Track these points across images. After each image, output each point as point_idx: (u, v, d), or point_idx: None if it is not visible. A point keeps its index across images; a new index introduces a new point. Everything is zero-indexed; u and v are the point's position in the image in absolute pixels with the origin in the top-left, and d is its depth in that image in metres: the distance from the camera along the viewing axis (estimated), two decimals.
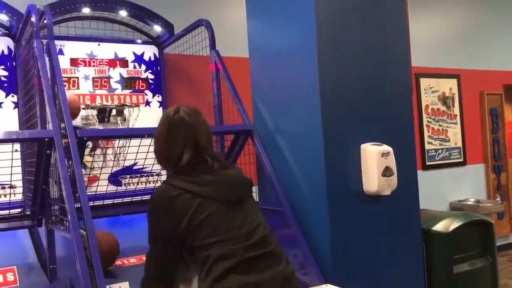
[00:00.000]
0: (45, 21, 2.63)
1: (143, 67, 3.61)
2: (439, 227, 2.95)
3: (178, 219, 1.69)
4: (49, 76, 2.50)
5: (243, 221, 1.75)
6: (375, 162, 2.57)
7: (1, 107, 3.06)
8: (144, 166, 3.19)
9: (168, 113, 1.87)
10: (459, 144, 6.02)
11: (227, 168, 1.85)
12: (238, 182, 1.84)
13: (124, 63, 3.54)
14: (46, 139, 2.22)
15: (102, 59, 3.46)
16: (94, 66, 3.42)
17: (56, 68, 2.50)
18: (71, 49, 3.36)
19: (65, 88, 2.88)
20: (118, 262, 2.70)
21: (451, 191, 5.87)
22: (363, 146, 2.63)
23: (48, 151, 2.27)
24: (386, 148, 2.62)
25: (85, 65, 3.39)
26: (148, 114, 3.52)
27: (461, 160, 6.03)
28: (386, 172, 2.59)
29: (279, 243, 1.84)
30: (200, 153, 1.80)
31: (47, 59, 2.56)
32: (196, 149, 1.80)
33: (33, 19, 2.57)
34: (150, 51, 3.66)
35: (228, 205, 1.75)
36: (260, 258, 1.71)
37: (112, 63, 3.49)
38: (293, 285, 1.78)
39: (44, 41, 2.58)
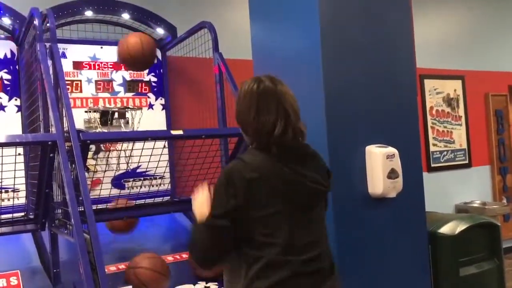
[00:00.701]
0: (48, 24, 2.63)
1: (146, 70, 3.60)
2: (445, 229, 2.92)
3: (245, 204, 1.61)
4: (52, 79, 2.50)
5: (306, 230, 1.69)
6: (380, 164, 2.54)
7: (4, 111, 3.05)
8: (148, 169, 3.18)
9: (250, 85, 1.75)
10: (464, 146, 5.99)
11: (307, 160, 1.75)
12: (316, 187, 1.73)
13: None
14: (49, 143, 2.21)
15: (105, 62, 3.45)
16: (97, 69, 3.42)
17: (59, 71, 2.50)
18: (74, 52, 3.36)
19: (68, 91, 2.89)
20: (121, 266, 2.69)
21: (456, 193, 5.83)
22: (368, 148, 2.61)
23: (51, 155, 2.26)
24: (391, 150, 2.60)
25: (88, 68, 3.39)
26: (151, 117, 3.52)
27: (466, 162, 6.00)
28: (392, 174, 2.56)
29: (332, 257, 1.81)
30: (287, 125, 1.70)
31: (50, 62, 2.56)
32: (286, 120, 1.70)
33: (36, 22, 2.57)
34: None
35: (298, 208, 1.68)
36: (312, 275, 1.67)
37: (115, 66, 3.48)
38: None
39: (47, 44, 2.58)
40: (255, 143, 1.75)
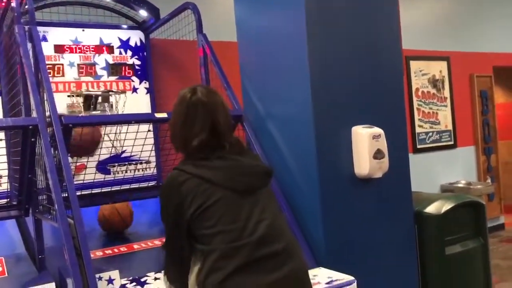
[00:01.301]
0: (26, 7, 2.56)
1: (129, 53, 3.54)
2: (431, 209, 2.95)
3: (186, 203, 1.63)
4: (32, 63, 2.44)
5: (251, 212, 1.66)
6: (366, 144, 2.55)
7: None
8: (133, 153, 3.15)
9: (184, 94, 1.77)
10: (450, 127, 6.03)
11: (242, 155, 1.76)
12: (251, 171, 1.74)
13: (109, 49, 3.47)
14: (30, 127, 2.17)
15: (87, 45, 3.39)
16: (79, 52, 3.35)
17: (39, 54, 2.44)
18: (55, 36, 3.29)
19: (50, 75, 2.83)
20: (108, 251, 2.67)
21: (442, 174, 5.89)
22: (354, 128, 2.61)
23: (32, 139, 2.22)
24: (377, 130, 2.60)
25: (69, 52, 3.32)
26: (135, 100, 3.47)
27: (452, 142, 6.05)
28: (378, 154, 2.57)
29: (292, 236, 1.78)
30: (218, 137, 1.72)
31: (29, 45, 2.49)
32: (214, 133, 1.71)
33: (13, 4, 2.50)
34: (136, 37, 3.59)
35: (237, 194, 1.66)
36: (267, 257, 1.62)
37: (97, 49, 3.42)
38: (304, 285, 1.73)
39: (26, 27, 2.52)
40: (182, 151, 1.78)
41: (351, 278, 2.24)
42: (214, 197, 1.64)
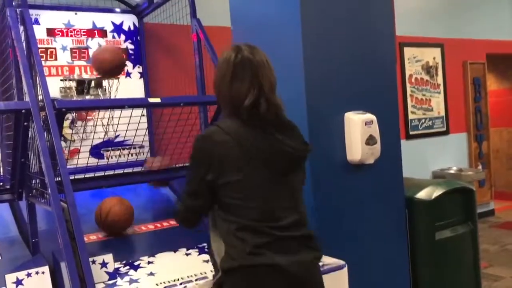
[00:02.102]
0: None
1: (123, 37, 3.52)
2: (422, 194, 2.98)
3: (214, 167, 1.65)
4: (25, 46, 2.42)
5: (281, 195, 1.70)
6: (358, 130, 2.56)
7: None
8: (126, 138, 3.15)
9: (228, 54, 1.75)
10: (442, 114, 6.07)
11: (283, 128, 1.73)
12: (290, 153, 1.71)
13: (102, 33, 3.44)
14: (23, 111, 2.16)
15: (80, 29, 3.36)
16: (71, 36, 3.32)
17: (31, 37, 2.42)
18: (47, 19, 3.26)
19: (42, 59, 2.81)
20: (101, 235, 2.69)
21: (433, 160, 5.94)
22: (346, 114, 2.62)
23: (25, 123, 2.21)
24: (369, 116, 2.62)
25: (62, 36, 3.29)
26: (129, 85, 3.46)
27: (444, 129, 6.09)
28: (370, 140, 2.59)
29: (309, 226, 1.82)
30: (263, 97, 1.69)
31: (21, 28, 2.47)
32: (260, 92, 1.69)
33: None
34: (129, 20, 3.56)
35: (270, 173, 1.68)
36: (290, 240, 1.68)
37: (90, 33, 3.40)
38: (316, 272, 1.79)
39: (18, 10, 2.49)
40: (228, 111, 1.76)
41: (342, 262, 2.27)
42: (249, 170, 1.64)
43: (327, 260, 2.30)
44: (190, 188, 1.75)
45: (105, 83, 3.23)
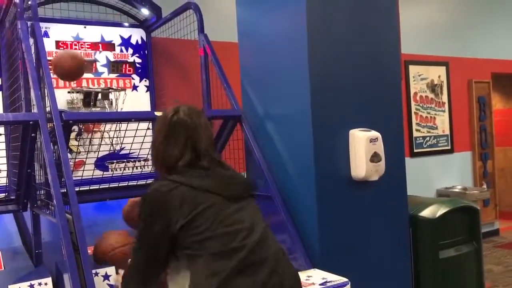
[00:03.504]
0: (29, 2, 2.58)
1: (130, 50, 3.56)
2: (426, 213, 2.97)
3: (172, 213, 1.59)
4: (34, 58, 2.46)
5: (241, 217, 1.66)
6: (363, 147, 2.57)
7: None
8: (131, 151, 3.16)
9: (166, 114, 1.79)
10: (447, 132, 6.06)
11: (224, 167, 1.77)
12: (236, 180, 1.77)
13: (110, 46, 3.48)
14: (30, 122, 2.18)
15: (89, 42, 3.40)
16: (80, 49, 3.36)
17: (41, 50, 2.46)
18: (57, 32, 3.30)
19: (50, 71, 2.84)
20: None
21: (438, 178, 5.92)
22: (351, 131, 2.63)
23: (33, 135, 2.23)
24: (374, 134, 2.62)
25: (71, 48, 3.33)
26: (135, 98, 3.48)
27: (449, 147, 6.08)
28: (374, 157, 2.59)
29: (279, 244, 1.76)
30: (199, 158, 1.71)
31: (31, 41, 2.51)
32: (196, 153, 1.71)
33: (16, 0, 2.51)
34: (137, 35, 3.60)
35: (226, 201, 1.66)
36: (263, 261, 1.62)
37: (98, 46, 3.44)
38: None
39: (29, 23, 2.53)
40: (164, 171, 1.76)
41: (345, 279, 2.26)
42: (205, 204, 1.61)
43: (330, 277, 2.29)
44: (147, 236, 1.64)
45: (111, 95, 3.27)
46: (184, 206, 1.60)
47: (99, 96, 3.21)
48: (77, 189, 2.47)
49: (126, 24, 3.63)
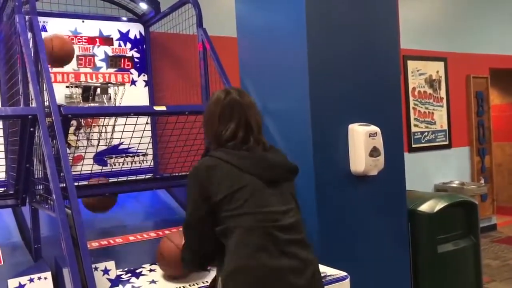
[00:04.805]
0: None
1: (129, 45, 3.54)
2: (425, 207, 2.98)
3: (212, 187, 1.70)
4: (32, 53, 2.44)
5: (277, 200, 1.74)
6: (362, 142, 2.57)
7: None
8: (130, 145, 3.16)
9: (218, 95, 1.87)
10: (445, 127, 6.07)
11: (268, 151, 1.84)
12: (276, 164, 1.82)
13: (109, 41, 3.46)
14: (29, 117, 2.17)
15: (87, 37, 3.39)
16: (78, 43, 3.35)
17: (39, 44, 2.44)
18: (55, 26, 3.28)
19: (48, 66, 2.83)
20: (104, 242, 2.68)
21: (436, 173, 5.93)
22: (350, 126, 2.63)
23: (31, 129, 2.22)
24: (373, 128, 2.63)
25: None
26: (134, 93, 3.47)
27: (447, 142, 6.09)
28: (374, 152, 2.60)
29: (312, 236, 1.85)
30: (249, 138, 1.80)
31: (29, 35, 2.49)
32: (247, 130, 1.81)
33: None
34: (135, 29, 3.59)
35: (264, 183, 1.74)
36: (291, 242, 1.70)
37: (96, 40, 3.42)
38: (317, 277, 1.78)
39: (27, 17, 2.51)
40: (215, 146, 1.85)
41: (344, 274, 2.26)
42: (242, 182, 1.71)
43: (329, 272, 2.30)
44: (191, 218, 1.78)
45: (110, 90, 3.25)
46: (222, 183, 1.71)
47: (98, 90, 3.20)
48: (76, 184, 2.47)
49: (125, 18, 3.61)
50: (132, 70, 3.55)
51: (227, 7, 3.36)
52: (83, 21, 3.39)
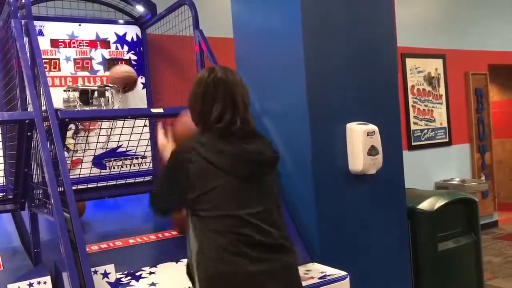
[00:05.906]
0: (23, 1, 2.56)
1: (126, 48, 3.54)
2: (425, 205, 2.98)
3: (188, 182, 1.68)
4: (29, 57, 2.45)
5: (253, 200, 1.70)
6: (360, 141, 2.57)
7: None
8: (129, 148, 3.15)
9: (202, 74, 1.82)
10: (445, 124, 6.06)
11: (250, 138, 1.77)
12: (254, 157, 1.75)
13: (106, 44, 3.46)
14: (26, 121, 2.18)
15: (84, 40, 3.39)
16: (75, 47, 3.35)
17: (35, 48, 2.44)
18: (51, 30, 3.28)
19: (46, 69, 2.83)
20: (103, 245, 2.68)
21: (436, 171, 5.92)
22: (348, 125, 2.62)
23: (29, 133, 2.22)
24: (371, 127, 2.62)
25: (65, 46, 3.31)
26: (132, 95, 3.47)
27: (447, 140, 6.08)
28: (372, 151, 2.59)
29: (287, 229, 1.81)
30: (235, 116, 1.74)
31: (26, 39, 2.50)
32: (233, 111, 1.74)
33: None
34: (132, 32, 3.58)
35: (241, 180, 1.69)
36: (267, 246, 1.67)
37: (93, 44, 3.42)
38: (293, 279, 1.75)
39: (23, 21, 2.52)
40: (201, 128, 1.81)
41: (344, 273, 2.26)
42: (216, 182, 1.67)
43: (329, 271, 2.30)
44: (167, 184, 1.80)
45: (108, 93, 3.25)
46: (196, 181, 1.68)
47: (95, 94, 3.20)
48: (74, 187, 2.47)
49: (121, 21, 3.61)
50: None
51: (224, 7, 3.36)
52: (79, 25, 3.38)
